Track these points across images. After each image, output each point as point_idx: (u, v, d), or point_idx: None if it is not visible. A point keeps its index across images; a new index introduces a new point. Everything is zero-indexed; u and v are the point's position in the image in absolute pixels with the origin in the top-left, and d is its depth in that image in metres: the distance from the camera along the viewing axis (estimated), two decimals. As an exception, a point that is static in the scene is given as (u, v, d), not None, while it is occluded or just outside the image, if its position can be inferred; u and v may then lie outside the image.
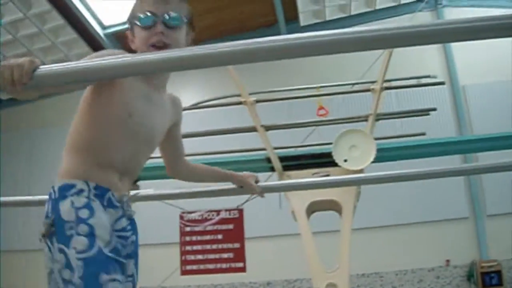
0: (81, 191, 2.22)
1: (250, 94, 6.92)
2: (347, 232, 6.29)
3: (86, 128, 2.32)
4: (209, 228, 7.76)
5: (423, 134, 7.57)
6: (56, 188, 2.26)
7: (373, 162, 6.38)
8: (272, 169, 6.73)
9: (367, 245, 10.55)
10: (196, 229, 7.83)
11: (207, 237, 7.79)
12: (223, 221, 7.72)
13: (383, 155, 6.58)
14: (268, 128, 6.82)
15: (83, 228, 2.13)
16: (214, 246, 7.79)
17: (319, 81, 8.09)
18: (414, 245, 11.14)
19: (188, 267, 7.94)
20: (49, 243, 2.17)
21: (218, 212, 7.74)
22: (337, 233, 6.36)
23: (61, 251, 2.13)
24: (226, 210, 7.69)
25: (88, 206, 2.19)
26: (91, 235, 2.13)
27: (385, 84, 6.92)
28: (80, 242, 2.11)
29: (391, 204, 11.15)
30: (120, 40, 12.08)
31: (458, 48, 12.13)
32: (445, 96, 11.77)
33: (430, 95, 10.80)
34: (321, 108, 7.55)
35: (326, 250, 6.36)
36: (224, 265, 7.78)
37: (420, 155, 7.12)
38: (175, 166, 2.92)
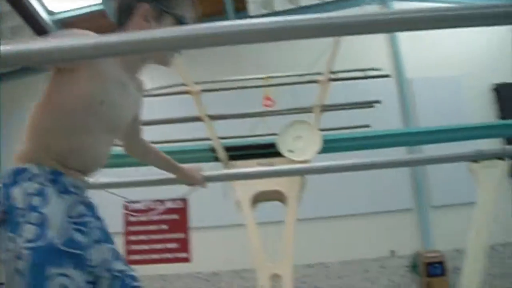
0: (34, 175, 2.12)
1: (196, 83, 6.87)
2: (291, 222, 6.30)
3: (51, 113, 2.22)
4: (154, 218, 7.69)
5: (367, 126, 7.63)
6: (9, 173, 2.16)
7: (318, 153, 6.40)
8: (216, 159, 6.70)
9: (313, 235, 10.61)
10: (141, 219, 7.75)
11: (152, 227, 7.71)
12: (168, 211, 7.65)
13: (329, 146, 6.61)
14: (213, 117, 6.78)
15: (34, 216, 2.04)
16: (159, 236, 7.71)
17: (267, 71, 8.09)
18: (359, 236, 11.25)
19: (133, 257, 7.84)
20: (2, 230, 2.08)
21: (163, 202, 7.67)
22: (283, 224, 6.37)
23: (11, 239, 2.04)
24: (171, 200, 7.62)
25: (41, 192, 2.10)
26: (42, 224, 2.03)
27: (332, 76, 6.96)
28: (29, 230, 2.02)
29: (337, 195, 11.22)
30: (68, 26, 11.86)
31: (406, 42, 12.26)
32: (391, 89, 11.89)
33: (378, 88, 10.88)
34: (267, 98, 7.55)
35: (271, 241, 6.35)
36: (169, 255, 7.71)
37: (366, 146, 7.18)
38: (132, 143, 2.89)
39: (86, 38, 1.80)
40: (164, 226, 7.71)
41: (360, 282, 11.26)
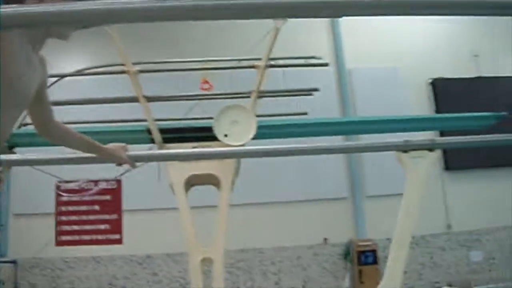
0: None
1: (134, 63, 6.78)
2: (224, 206, 6.29)
3: None
4: (86, 198, 7.60)
5: (305, 113, 7.67)
6: None
7: (253, 138, 6.40)
8: (152, 140, 6.64)
9: (248, 221, 10.65)
10: (73, 199, 7.65)
11: (84, 208, 7.63)
12: (101, 191, 7.58)
13: (264, 132, 6.60)
14: (150, 99, 6.71)
15: None
16: (91, 217, 7.64)
17: (206, 55, 8.04)
18: (294, 223, 11.34)
19: (64, 238, 7.75)
20: None
21: (96, 182, 7.59)
22: (217, 209, 6.36)
23: None
24: (104, 181, 7.55)
25: None
26: None
27: (271, 62, 6.96)
28: None
29: (273, 181, 11.28)
30: None
31: (346, 33, 12.37)
32: (331, 78, 11.99)
33: (317, 77, 10.94)
34: (205, 82, 7.52)
35: (205, 225, 6.34)
36: (100, 237, 7.65)
37: (302, 134, 7.21)
38: (47, 127, 2.78)
39: None
40: (97, 207, 7.63)
41: (293, 268, 11.38)
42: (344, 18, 10.89)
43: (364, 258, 11.04)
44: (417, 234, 7.33)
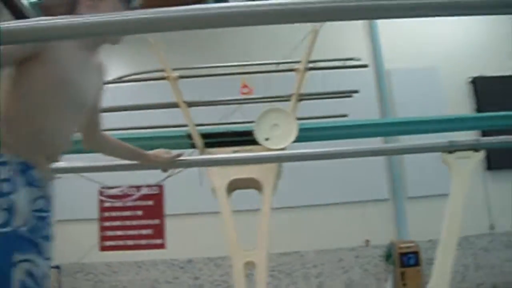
0: (6, 163, 2.10)
1: (174, 69, 6.83)
2: (267, 210, 6.30)
3: (21, 97, 2.20)
4: (129, 204, 7.66)
5: (345, 115, 7.64)
6: None
7: (294, 141, 6.41)
8: (193, 146, 6.68)
9: (288, 224, 10.65)
10: (116, 205, 7.72)
11: (127, 213, 7.69)
12: (143, 197, 7.63)
13: (305, 135, 6.61)
14: (190, 104, 6.76)
15: (2, 202, 2.04)
16: (134, 222, 7.69)
17: (245, 59, 8.07)
18: (335, 225, 11.30)
19: (107, 243, 7.82)
20: None
21: (138, 188, 7.64)
22: (259, 212, 6.37)
23: None
24: (146, 186, 7.60)
25: (11, 180, 2.08)
26: (9, 210, 2.03)
27: (310, 65, 6.96)
28: None
29: (313, 184, 11.25)
30: (47, 11, 11.72)
31: (384, 33, 12.29)
32: (370, 79, 11.92)
33: (356, 79, 10.90)
34: (245, 86, 7.54)
35: (247, 229, 6.35)
36: (143, 242, 7.69)
37: (342, 136, 7.18)
38: (93, 137, 2.85)
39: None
40: (139, 212, 7.69)
41: (335, 270, 11.33)
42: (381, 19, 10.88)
43: (406, 260, 10.92)
44: (460, 235, 7.25)
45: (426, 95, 11.70)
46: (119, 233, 7.73)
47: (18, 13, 11.60)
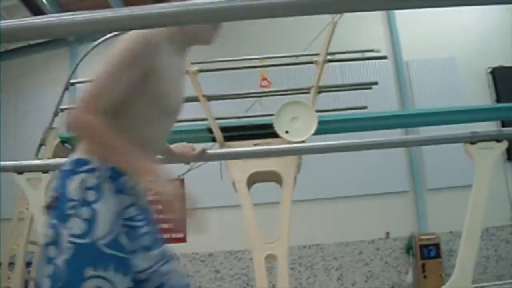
0: (94, 169, 2.05)
1: (193, 63, 6.83)
2: (287, 203, 6.28)
3: (120, 109, 2.11)
4: (149, 198, 7.69)
5: (365, 107, 7.62)
6: (70, 161, 2.09)
7: (314, 134, 6.39)
8: (213, 139, 6.69)
9: (308, 217, 10.63)
10: (136, 199, 7.75)
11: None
12: (164, 191, 7.65)
13: (325, 128, 6.60)
14: (210, 98, 6.76)
15: (85, 211, 1.98)
16: (155, 217, 7.72)
17: (263, 52, 8.06)
18: (355, 218, 11.28)
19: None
20: (48, 215, 2.03)
21: (158, 182, 7.66)
22: (279, 205, 6.37)
23: (53, 226, 1.98)
24: (167, 180, 7.63)
25: (97, 188, 2.03)
26: (91, 221, 1.98)
27: (328, 57, 6.93)
28: (77, 225, 1.96)
29: (333, 177, 11.23)
30: (64, 7, 11.80)
31: (403, 24, 12.23)
32: (388, 71, 11.87)
33: (374, 70, 10.90)
34: (264, 79, 7.53)
35: (267, 222, 6.36)
36: (164, 235, 7.72)
37: (362, 128, 7.17)
38: None
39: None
40: (160, 206, 7.71)
41: (355, 263, 11.32)
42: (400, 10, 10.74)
43: (427, 252, 10.90)
44: (482, 227, 7.21)
45: (445, 86, 11.65)
46: (140, 228, 7.77)
47: (37, 11, 11.68)
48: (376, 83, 7.40)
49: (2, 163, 3.75)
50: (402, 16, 12.01)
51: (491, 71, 12.20)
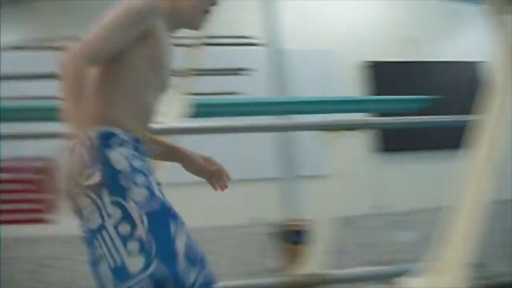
0: (125, 141, 2.13)
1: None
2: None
3: (125, 73, 2.22)
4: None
5: (235, 93, 7.65)
6: (97, 135, 2.07)
7: (186, 117, 6.36)
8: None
9: (175, 201, 10.45)
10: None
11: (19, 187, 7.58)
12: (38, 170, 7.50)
13: (197, 111, 6.58)
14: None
15: (140, 178, 2.08)
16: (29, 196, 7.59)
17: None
18: (221, 202, 11.15)
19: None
20: (94, 196, 2.00)
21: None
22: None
23: (116, 203, 2.01)
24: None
25: (136, 156, 2.13)
26: (149, 185, 2.09)
27: (203, 41, 6.92)
28: (139, 193, 2.05)
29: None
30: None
31: (282, 13, 12.28)
32: (265, 59, 11.89)
33: (251, 57, 10.92)
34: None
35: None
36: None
37: (234, 113, 7.20)
38: None
39: None
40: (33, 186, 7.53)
41: (221, 248, 11.25)
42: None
43: (295, 238, 11.04)
44: (344, 214, 7.40)
45: (321, 77, 11.83)
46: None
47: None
48: (243, 69, 7.49)
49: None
50: (283, 3, 12.02)
51: (370, 65, 12.46)
